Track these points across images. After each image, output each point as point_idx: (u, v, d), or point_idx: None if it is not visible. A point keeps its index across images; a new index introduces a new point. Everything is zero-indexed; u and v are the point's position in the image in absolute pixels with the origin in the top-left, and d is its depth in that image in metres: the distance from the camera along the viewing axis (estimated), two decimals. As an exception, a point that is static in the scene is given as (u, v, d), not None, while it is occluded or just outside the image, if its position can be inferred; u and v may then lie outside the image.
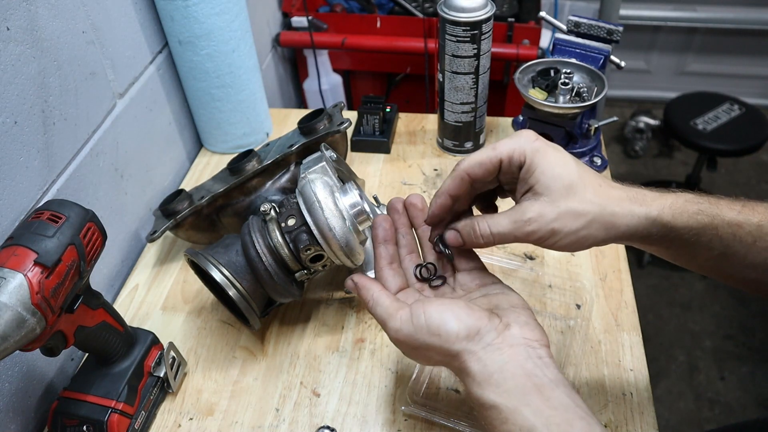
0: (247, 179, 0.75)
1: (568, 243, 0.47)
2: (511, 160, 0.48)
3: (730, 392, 1.67)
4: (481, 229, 0.49)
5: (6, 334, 0.46)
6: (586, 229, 0.46)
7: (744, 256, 0.47)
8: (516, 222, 0.47)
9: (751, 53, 2.38)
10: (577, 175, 0.47)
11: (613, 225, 0.46)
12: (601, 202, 0.46)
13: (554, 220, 0.46)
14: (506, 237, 0.48)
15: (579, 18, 0.86)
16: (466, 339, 0.45)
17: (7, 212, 0.62)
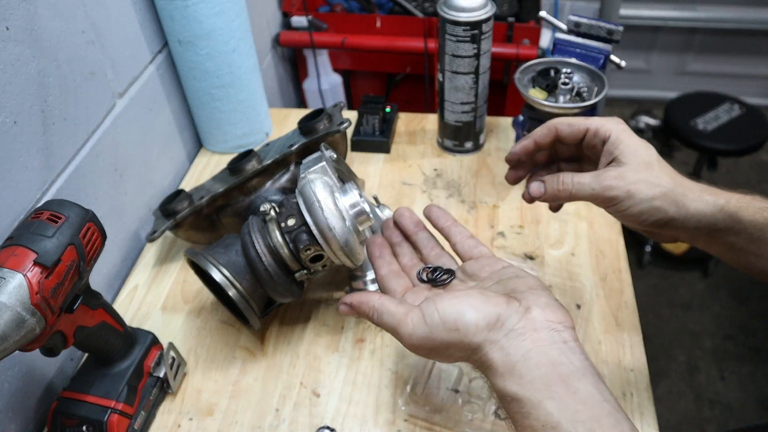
0: (246, 179, 0.75)
1: (640, 210, 0.50)
2: (597, 133, 0.53)
3: (730, 392, 1.67)
4: (564, 180, 0.52)
5: (5, 335, 0.46)
6: (659, 200, 0.49)
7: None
8: (597, 177, 0.51)
9: (751, 53, 2.38)
10: (656, 158, 0.51)
11: (683, 204, 0.49)
12: (674, 182, 0.50)
13: (632, 183, 0.49)
14: (586, 190, 0.51)
15: (579, 18, 0.86)
16: (487, 329, 0.43)
17: (7, 212, 0.62)
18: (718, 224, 0.50)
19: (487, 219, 0.86)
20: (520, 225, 0.84)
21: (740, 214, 0.49)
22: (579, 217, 0.85)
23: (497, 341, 0.42)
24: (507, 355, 0.42)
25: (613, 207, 0.51)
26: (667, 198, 0.49)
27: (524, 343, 0.42)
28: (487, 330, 0.43)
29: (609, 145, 0.52)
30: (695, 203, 0.49)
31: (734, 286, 1.93)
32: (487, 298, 0.44)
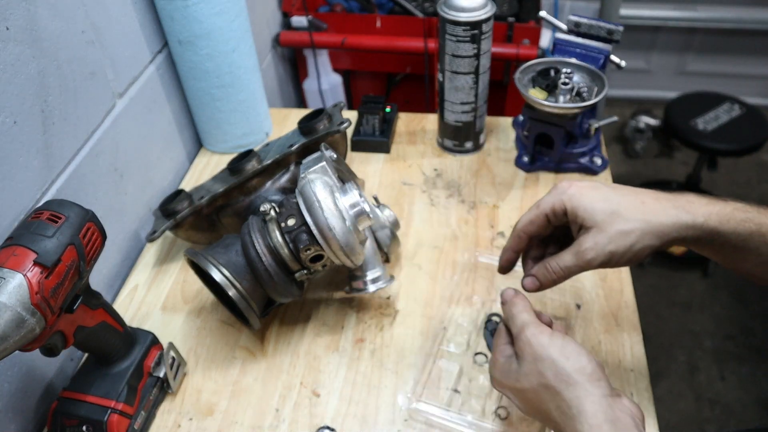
0: (246, 179, 0.75)
1: (629, 258, 0.52)
2: (555, 212, 0.55)
3: (730, 392, 1.67)
4: (553, 268, 0.55)
5: (5, 334, 0.46)
6: (639, 242, 0.51)
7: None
8: (577, 254, 0.53)
9: (751, 53, 2.38)
10: (617, 203, 0.52)
11: (663, 233, 0.51)
12: (646, 218, 0.51)
13: (608, 243, 0.52)
14: (573, 269, 0.54)
15: (579, 18, 0.86)
16: (590, 377, 0.48)
17: (7, 212, 0.62)
18: (702, 239, 0.51)
19: (487, 219, 0.86)
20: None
21: (721, 229, 0.51)
22: (579, 217, 0.85)
23: (593, 394, 0.47)
24: (599, 410, 0.46)
25: (607, 268, 0.54)
26: (645, 236, 0.51)
27: (614, 413, 0.46)
28: (588, 379, 0.48)
29: (570, 217, 0.54)
30: (674, 228, 0.51)
31: (734, 287, 1.93)
32: (599, 364, 0.50)
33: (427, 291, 0.77)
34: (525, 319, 0.53)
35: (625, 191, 0.54)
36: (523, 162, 0.93)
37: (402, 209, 0.89)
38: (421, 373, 0.68)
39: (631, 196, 0.53)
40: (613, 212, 0.52)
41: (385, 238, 0.74)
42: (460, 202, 0.89)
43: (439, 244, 0.83)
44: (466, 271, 0.78)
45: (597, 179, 0.90)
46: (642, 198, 0.53)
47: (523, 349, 0.52)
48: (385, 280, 0.71)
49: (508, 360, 0.53)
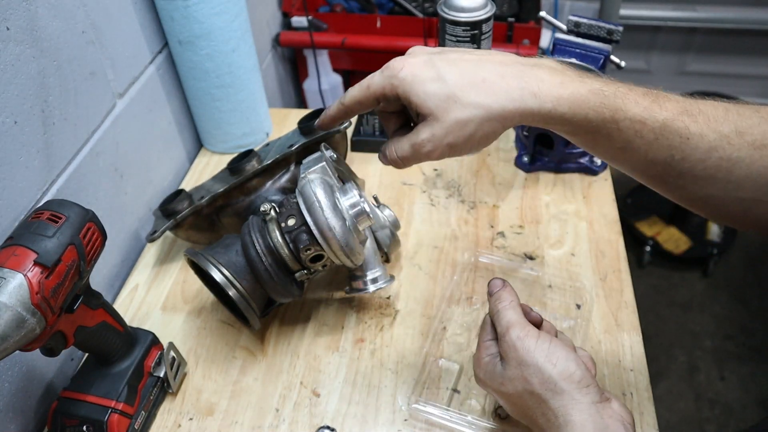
0: (247, 179, 0.75)
1: (472, 146, 0.47)
2: (387, 96, 0.48)
3: (730, 392, 1.67)
4: (390, 153, 0.50)
5: (6, 334, 0.46)
6: (480, 130, 0.46)
7: (645, 152, 0.46)
8: (414, 145, 0.48)
9: (751, 53, 2.38)
10: (453, 83, 0.45)
11: (505, 118, 0.45)
12: (485, 103, 0.45)
13: (446, 135, 0.46)
14: (411, 159, 0.49)
15: (579, 18, 0.86)
16: (578, 384, 0.46)
17: (7, 212, 0.62)
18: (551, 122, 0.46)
19: (487, 219, 0.86)
20: (520, 225, 0.84)
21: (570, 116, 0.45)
22: (579, 217, 0.85)
23: (581, 402, 0.45)
24: (588, 420, 0.44)
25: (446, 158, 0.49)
26: (486, 123, 0.45)
27: (604, 421, 0.45)
28: (577, 385, 0.46)
29: (404, 102, 0.48)
30: (517, 114, 0.45)
31: (734, 286, 1.93)
32: (587, 368, 0.48)
33: (427, 291, 0.77)
34: (511, 318, 0.51)
35: (465, 63, 0.46)
36: (523, 162, 0.93)
37: (402, 209, 0.89)
38: (421, 373, 0.68)
39: (470, 72, 0.46)
40: (448, 97, 0.45)
41: (385, 238, 0.74)
42: (460, 202, 0.89)
43: (439, 244, 0.83)
44: (466, 271, 0.78)
45: (597, 179, 0.90)
46: (483, 74, 0.45)
47: (508, 352, 0.50)
48: (385, 280, 0.71)
49: (493, 360, 0.52)
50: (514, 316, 0.51)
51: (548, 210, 0.86)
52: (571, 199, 0.88)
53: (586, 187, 0.89)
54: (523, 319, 0.52)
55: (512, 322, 0.51)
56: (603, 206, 0.86)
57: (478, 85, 0.45)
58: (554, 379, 0.46)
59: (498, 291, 0.54)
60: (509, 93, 0.45)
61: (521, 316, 0.52)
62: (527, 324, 0.51)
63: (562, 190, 0.89)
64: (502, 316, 0.52)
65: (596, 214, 0.85)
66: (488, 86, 0.45)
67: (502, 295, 0.53)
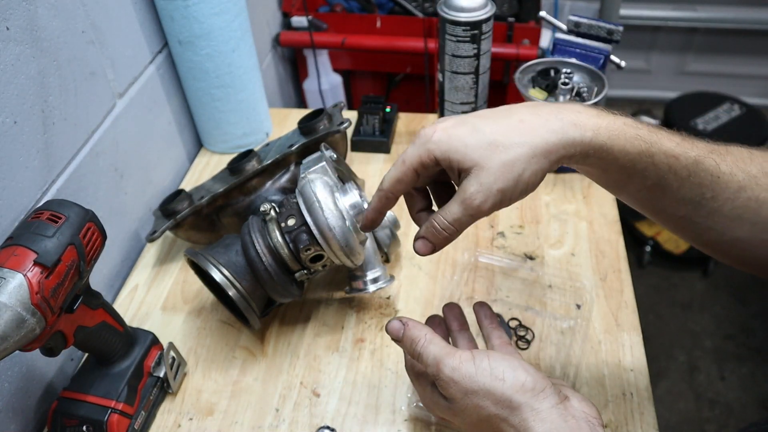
0: (247, 179, 0.75)
1: (522, 190, 0.45)
2: (424, 165, 0.47)
3: (730, 392, 1.67)
4: (441, 225, 0.47)
5: (6, 334, 0.46)
6: (528, 168, 0.44)
7: (677, 189, 0.46)
8: (464, 202, 0.45)
9: (751, 53, 2.38)
10: (490, 131, 0.45)
11: (549, 152, 0.44)
12: (528, 140, 0.44)
13: (495, 182, 0.44)
14: (464, 220, 0.46)
15: (579, 18, 0.86)
16: (532, 392, 0.43)
17: (7, 212, 0.62)
18: (590, 156, 0.45)
19: (487, 219, 0.86)
20: (520, 225, 0.84)
21: (610, 145, 0.44)
22: (579, 217, 0.85)
23: (540, 411, 0.43)
24: (549, 429, 0.42)
25: (499, 209, 0.46)
26: (533, 160, 0.44)
27: (567, 424, 0.43)
28: (531, 394, 0.43)
29: (444, 165, 0.46)
30: (561, 146, 0.44)
31: (734, 286, 1.93)
32: (535, 371, 0.45)
33: (427, 291, 0.77)
34: (435, 353, 0.47)
35: (497, 115, 0.46)
36: (523, 162, 0.92)
37: (402, 209, 0.88)
38: (421, 373, 0.68)
39: (505, 119, 0.45)
40: (490, 143, 0.44)
41: (385, 238, 0.74)
42: (460, 202, 0.89)
43: (439, 244, 0.83)
44: (466, 271, 0.78)
45: (597, 179, 0.90)
46: (519, 116, 0.45)
47: (448, 389, 0.46)
48: (385, 280, 0.71)
49: (437, 401, 0.49)
50: (436, 349, 0.47)
51: (548, 210, 0.86)
52: (571, 199, 0.88)
53: (586, 187, 0.89)
54: (447, 346, 0.48)
55: (439, 357, 0.47)
56: (603, 206, 0.86)
57: (517, 126, 0.45)
58: (507, 395, 0.44)
59: (404, 334, 0.49)
60: (549, 126, 0.44)
61: (443, 344, 0.48)
62: (453, 350, 0.47)
63: (562, 190, 0.89)
64: (426, 357, 0.47)
65: (596, 214, 0.85)
66: (527, 125, 0.45)
67: (412, 336, 0.49)
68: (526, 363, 0.46)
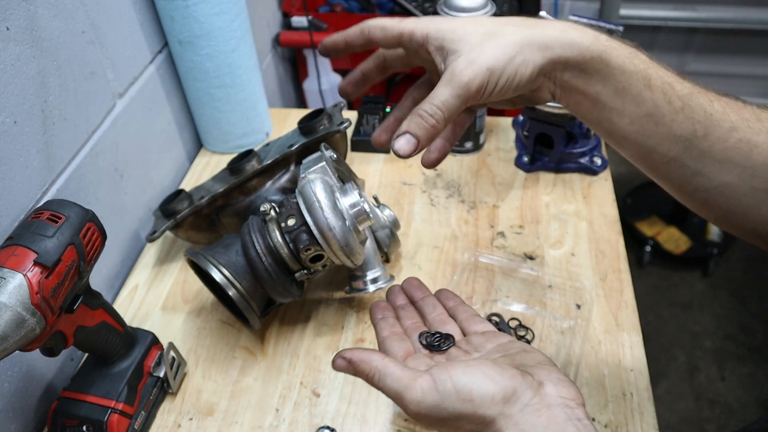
0: (247, 179, 0.75)
1: (511, 75, 0.43)
2: (413, 36, 0.45)
3: (730, 392, 1.67)
4: (428, 111, 0.43)
5: (6, 334, 0.46)
6: (521, 54, 0.42)
7: (670, 123, 0.44)
8: (451, 80, 0.43)
9: (751, 53, 2.38)
10: (491, 22, 0.44)
11: (546, 45, 0.43)
12: (529, 26, 0.43)
13: (485, 58, 0.42)
14: (451, 102, 0.43)
15: (579, 18, 0.86)
16: (502, 402, 0.41)
17: (7, 212, 0.62)
18: (587, 65, 0.43)
19: (487, 219, 0.86)
20: (520, 225, 0.84)
21: (608, 56, 0.43)
22: (579, 217, 0.85)
23: (512, 416, 0.41)
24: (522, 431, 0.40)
25: (486, 94, 0.43)
26: (528, 47, 0.43)
27: (540, 419, 0.40)
28: (503, 403, 0.41)
29: (433, 42, 0.44)
30: (559, 41, 0.43)
31: (734, 287, 1.93)
32: (502, 370, 0.42)
33: (427, 291, 0.77)
34: (395, 388, 0.43)
35: (501, 19, 0.45)
36: (523, 162, 0.93)
37: (402, 209, 0.89)
38: (421, 373, 0.68)
39: (509, 19, 0.44)
40: (489, 32, 0.43)
41: (385, 238, 0.74)
42: (460, 202, 0.89)
43: (439, 244, 0.83)
44: (466, 271, 0.78)
45: (597, 179, 0.90)
46: (524, 20, 0.44)
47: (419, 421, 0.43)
48: (385, 280, 0.71)
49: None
50: (394, 383, 0.43)
51: (548, 210, 0.86)
52: (571, 199, 0.88)
53: (586, 187, 0.89)
54: (404, 375, 0.43)
55: (399, 393, 0.43)
56: (603, 206, 0.86)
57: (519, 23, 0.44)
58: (479, 414, 0.41)
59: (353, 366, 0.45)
60: (550, 24, 0.44)
61: (399, 374, 0.43)
62: (412, 379, 0.42)
63: (562, 190, 0.89)
64: (387, 392, 0.44)
65: (596, 214, 0.85)
66: (528, 22, 0.44)
67: (363, 372, 0.45)
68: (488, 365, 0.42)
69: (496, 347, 0.48)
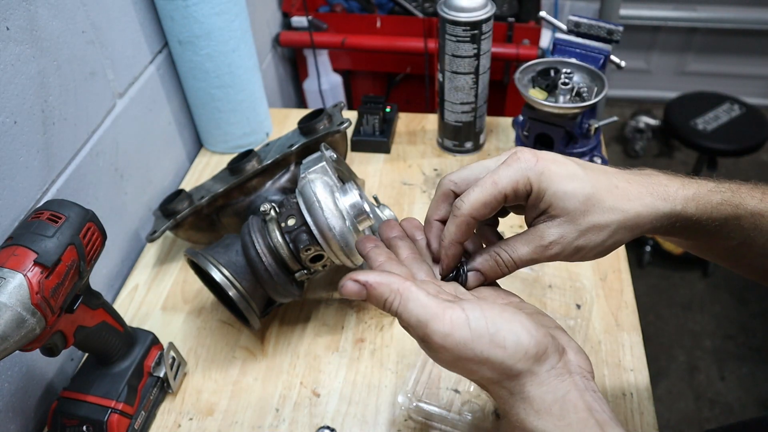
0: (247, 179, 0.75)
1: (595, 254, 0.44)
2: (517, 193, 0.43)
3: (730, 392, 1.67)
4: (504, 260, 0.44)
5: (6, 334, 0.46)
6: (612, 237, 0.43)
7: (763, 245, 0.46)
8: (537, 248, 0.43)
9: (751, 53, 2.38)
10: (591, 186, 0.42)
11: (637, 226, 0.43)
12: (623, 208, 0.43)
13: (577, 238, 0.42)
14: (527, 262, 0.44)
15: (579, 18, 0.86)
16: (534, 358, 0.38)
17: (7, 212, 0.62)
18: (675, 227, 0.44)
19: (487, 219, 0.86)
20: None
21: (698, 216, 0.44)
22: (579, 217, 0.85)
23: (539, 374, 0.39)
24: (545, 392, 0.38)
25: (564, 261, 0.44)
26: (620, 231, 0.43)
27: (563, 384, 0.39)
28: (534, 360, 0.38)
29: (533, 200, 0.43)
30: (650, 219, 0.43)
31: (734, 287, 1.93)
32: (537, 326, 0.39)
33: (427, 291, 0.77)
34: (419, 315, 0.38)
35: (594, 170, 0.44)
36: (523, 162, 0.92)
37: (402, 209, 0.89)
38: (421, 373, 0.68)
39: (602, 177, 0.43)
40: (587, 199, 0.42)
41: (385, 238, 0.74)
42: (460, 202, 0.89)
43: (439, 244, 0.83)
44: (466, 271, 0.78)
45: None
46: (614, 181, 0.43)
47: (437, 355, 0.39)
48: (385, 280, 0.70)
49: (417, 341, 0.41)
50: (420, 310, 0.38)
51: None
52: (571, 199, 0.87)
53: (586, 187, 0.89)
54: (432, 303, 0.38)
55: (424, 320, 0.38)
56: (603, 206, 0.86)
57: (613, 191, 0.43)
58: (507, 364, 0.38)
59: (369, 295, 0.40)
60: (642, 199, 0.43)
61: (426, 301, 0.38)
62: (441, 308, 0.38)
63: (562, 190, 0.89)
64: (407, 318, 0.39)
65: (596, 214, 0.85)
66: (622, 192, 0.43)
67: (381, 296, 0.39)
68: (525, 316, 0.40)
69: (508, 303, 0.45)
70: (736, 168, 2.32)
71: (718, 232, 0.45)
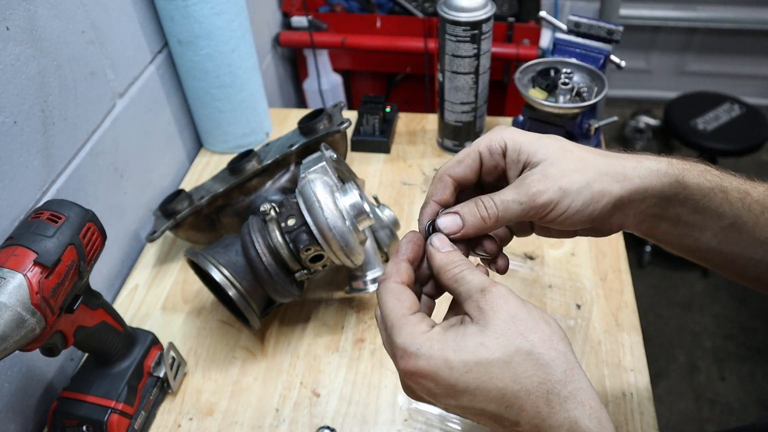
0: (247, 179, 0.75)
1: (583, 202, 0.41)
2: (491, 149, 0.44)
3: (730, 392, 1.67)
4: (486, 204, 0.42)
5: (6, 334, 0.46)
6: (598, 181, 0.41)
7: (752, 228, 0.45)
8: (520, 187, 0.42)
9: (751, 53, 2.38)
10: (568, 143, 0.44)
11: (625, 176, 0.42)
12: (605, 158, 0.43)
13: (561, 177, 0.41)
14: (513, 209, 0.42)
15: (579, 18, 0.86)
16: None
17: (7, 212, 0.62)
18: (665, 191, 0.43)
19: (487, 219, 0.86)
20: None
21: (684, 177, 0.43)
22: (579, 217, 0.85)
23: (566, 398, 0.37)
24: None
25: (551, 213, 0.42)
26: (605, 177, 0.42)
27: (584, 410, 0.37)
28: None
29: (511, 155, 0.43)
30: (637, 171, 0.42)
31: (734, 286, 1.93)
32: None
33: (427, 291, 0.77)
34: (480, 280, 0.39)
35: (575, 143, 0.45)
36: (523, 162, 0.92)
37: (402, 209, 0.89)
38: (421, 373, 0.68)
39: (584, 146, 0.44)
40: (566, 148, 0.42)
41: (385, 238, 0.74)
42: (460, 202, 0.89)
43: (439, 244, 0.83)
44: (466, 271, 0.78)
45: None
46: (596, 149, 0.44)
47: (487, 311, 0.38)
48: (385, 280, 0.70)
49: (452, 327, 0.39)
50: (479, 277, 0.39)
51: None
52: (571, 199, 0.88)
53: (586, 187, 0.89)
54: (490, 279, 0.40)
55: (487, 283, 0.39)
56: (603, 206, 0.86)
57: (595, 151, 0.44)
58: (554, 338, 0.37)
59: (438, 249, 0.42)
60: (625, 155, 0.44)
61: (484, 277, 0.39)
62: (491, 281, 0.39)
63: (562, 190, 0.89)
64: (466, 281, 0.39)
65: (596, 214, 0.85)
66: (604, 152, 0.44)
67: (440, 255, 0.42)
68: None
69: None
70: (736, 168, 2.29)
71: (708, 207, 0.44)
